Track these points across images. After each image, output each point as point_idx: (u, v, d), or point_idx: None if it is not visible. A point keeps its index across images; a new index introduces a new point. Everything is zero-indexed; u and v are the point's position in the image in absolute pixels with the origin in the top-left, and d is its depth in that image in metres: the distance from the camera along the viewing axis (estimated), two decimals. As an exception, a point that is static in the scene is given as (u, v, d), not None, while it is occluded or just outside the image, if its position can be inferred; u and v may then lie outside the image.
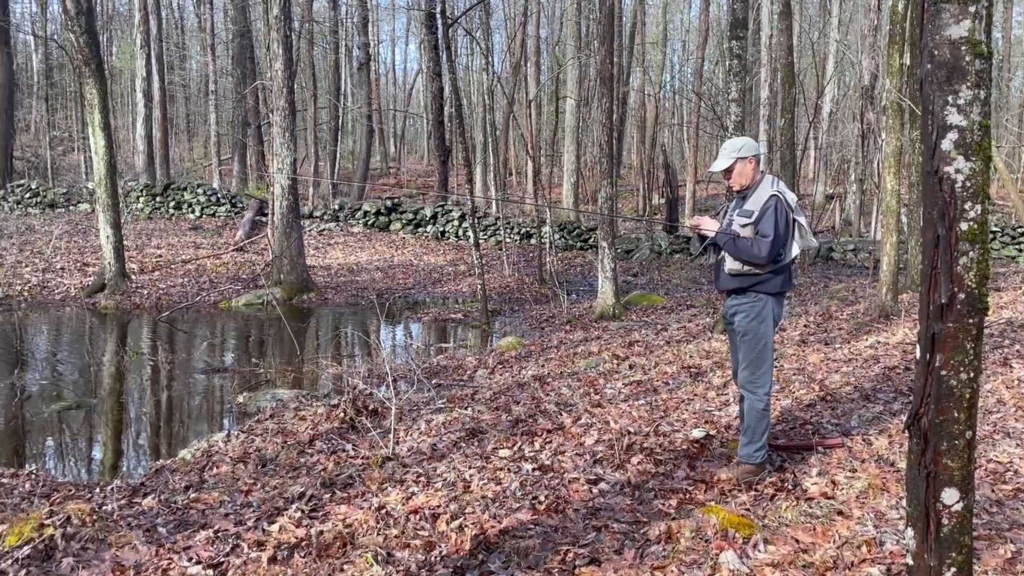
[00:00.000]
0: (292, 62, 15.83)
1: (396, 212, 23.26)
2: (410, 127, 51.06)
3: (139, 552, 4.24)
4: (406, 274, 18.02)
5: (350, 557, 4.05)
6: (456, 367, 9.41)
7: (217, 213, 23.87)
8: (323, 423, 6.77)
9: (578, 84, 25.27)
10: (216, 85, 29.32)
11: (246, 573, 3.94)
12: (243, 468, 5.81)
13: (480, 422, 6.46)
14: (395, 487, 5.04)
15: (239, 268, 17.54)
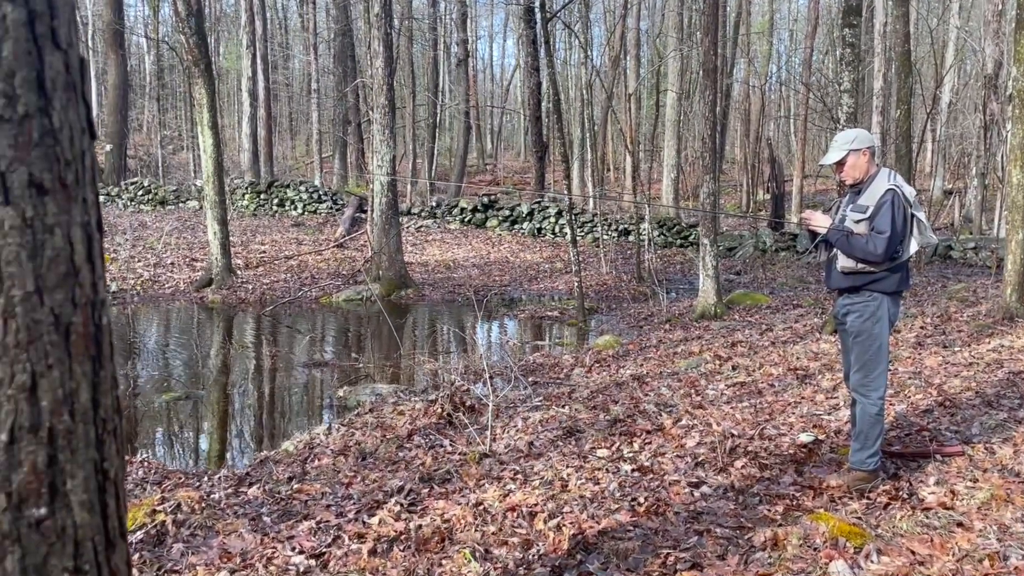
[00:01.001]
0: (392, 60, 16.12)
1: (492, 209, 23.43)
2: (507, 123, 51.35)
3: (245, 540, 4.38)
4: (502, 271, 18.12)
5: (448, 552, 4.09)
6: (552, 365, 9.41)
7: (318, 210, 24.54)
8: (421, 418, 6.86)
9: (679, 77, 24.90)
10: (318, 84, 30.16)
11: (347, 564, 4.03)
12: (344, 461, 5.95)
13: (577, 421, 6.44)
14: (492, 484, 5.07)
15: (339, 264, 17.98)
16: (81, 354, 1.35)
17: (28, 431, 1.28)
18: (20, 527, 1.29)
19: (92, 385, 1.37)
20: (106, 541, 1.39)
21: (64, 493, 1.33)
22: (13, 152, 1.26)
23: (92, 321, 1.38)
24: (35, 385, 1.30)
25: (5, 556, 1.26)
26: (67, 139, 1.34)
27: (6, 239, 1.26)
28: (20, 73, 1.28)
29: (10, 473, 1.27)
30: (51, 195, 1.30)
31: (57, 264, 1.31)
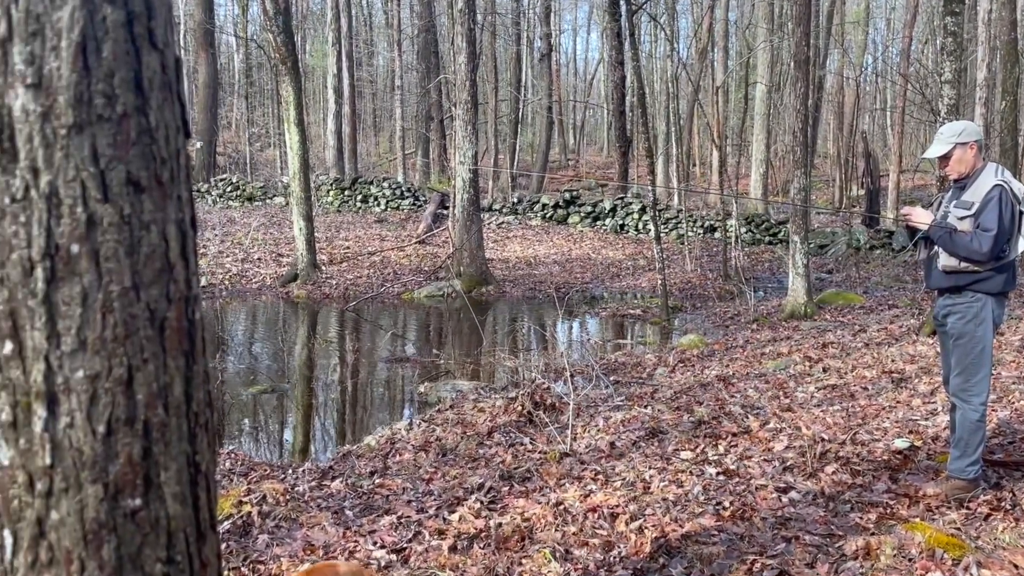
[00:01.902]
0: (475, 55, 16.23)
1: (574, 205, 23.36)
2: (590, 118, 51.10)
3: (328, 533, 4.48)
4: (584, 268, 18.06)
5: (528, 551, 4.10)
6: (635, 364, 9.33)
7: (401, 206, 24.90)
8: (501, 415, 6.89)
9: (769, 68, 24.37)
10: (402, 80, 30.58)
11: (427, 560, 4.07)
12: (424, 457, 6.01)
13: (660, 422, 6.37)
14: (573, 484, 5.06)
15: (421, 260, 18.20)
16: (175, 349, 1.40)
17: (124, 423, 1.33)
18: (116, 517, 1.34)
19: (185, 379, 1.42)
20: (197, 533, 1.44)
21: (158, 485, 1.38)
22: (112, 151, 1.31)
23: (186, 316, 1.42)
24: (131, 379, 1.35)
25: (102, 545, 1.31)
26: (163, 138, 1.39)
27: (105, 236, 1.32)
28: (119, 73, 1.33)
29: (107, 464, 1.32)
30: (147, 193, 1.35)
31: (153, 260, 1.36)
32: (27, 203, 1.28)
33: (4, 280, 1.28)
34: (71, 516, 1.29)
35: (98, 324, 1.29)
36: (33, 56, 1.27)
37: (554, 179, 30.63)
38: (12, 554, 1.30)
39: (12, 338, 1.29)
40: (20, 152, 1.28)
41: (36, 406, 1.30)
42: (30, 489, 1.30)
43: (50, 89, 1.28)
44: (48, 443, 1.29)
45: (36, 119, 1.27)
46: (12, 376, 1.29)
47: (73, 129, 1.28)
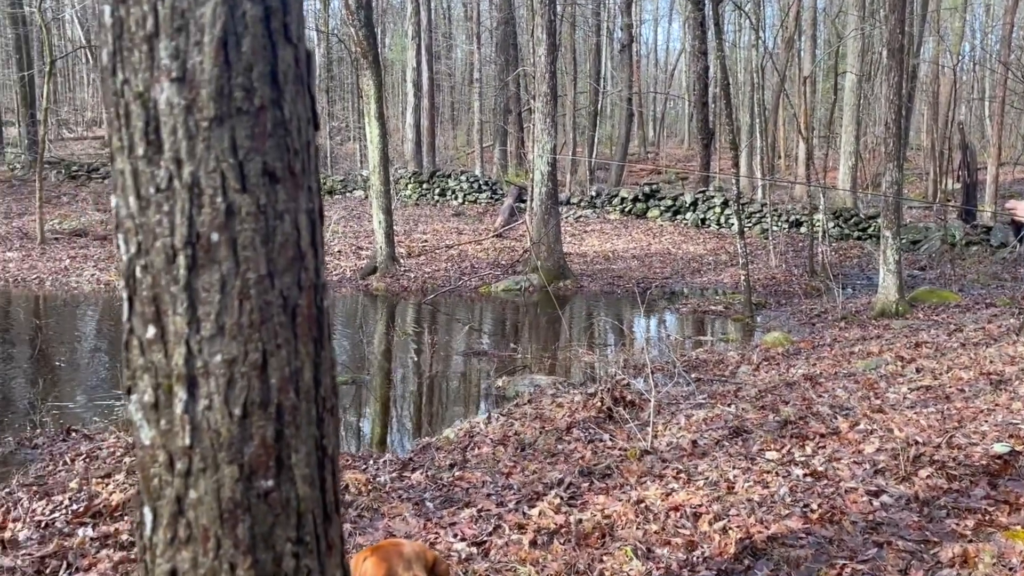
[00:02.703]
0: (555, 47, 16.22)
1: (654, 198, 23.18)
2: (670, 110, 50.51)
3: (409, 524, 4.57)
4: (663, 263, 17.92)
5: (609, 548, 4.11)
6: (716, 362, 9.25)
7: (478, 200, 25.06)
8: (580, 411, 6.91)
9: (859, 57, 23.71)
10: (480, 73, 30.73)
11: (507, 554, 4.12)
12: (503, 451, 6.07)
13: (744, 421, 6.31)
14: (654, 482, 5.05)
15: (498, 254, 18.29)
16: (305, 335, 1.46)
17: (259, 406, 1.39)
18: (250, 497, 1.41)
19: (314, 365, 1.48)
20: (324, 514, 1.50)
21: (289, 467, 1.44)
22: (250, 142, 1.37)
23: (315, 304, 1.48)
24: (265, 363, 1.41)
25: (237, 524, 1.38)
26: (296, 129, 1.45)
27: (243, 225, 1.38)
28: (257, 67, 1.39)
29: (243, 446, 1.39)
30: (282, 183, 1.41)
31: (286, 249, 1.42)
32: (170, 193, 1.35)
33: (148, 267, 1.35)
34: (208, 495, 1.36)
35: (235, 310, 1.36)
36: (178, 51, 1.33)
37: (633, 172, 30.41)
38: (152, 531, 1.38)
39: (155, 323, 1.36)
40: (164, 144, 1.35)
41: (177, 388, 1.37)
42: (170, 468, 1.37)
43: (193, 83, 1.34)
44: (188, 424, 1.36)
45: (180, 112, 1.34)
46: (154, 359, 1.36)
47: (214, 121, 1.34)
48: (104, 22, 1.36)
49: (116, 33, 1.35)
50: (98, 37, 1.40)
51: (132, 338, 1.41)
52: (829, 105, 25.28)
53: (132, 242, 1.39)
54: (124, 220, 1.39)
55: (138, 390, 1.40)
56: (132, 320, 1.41)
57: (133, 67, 1.35)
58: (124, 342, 1.49)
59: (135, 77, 1.35)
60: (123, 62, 1.36)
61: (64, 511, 5.24)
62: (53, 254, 16.99)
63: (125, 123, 1.37)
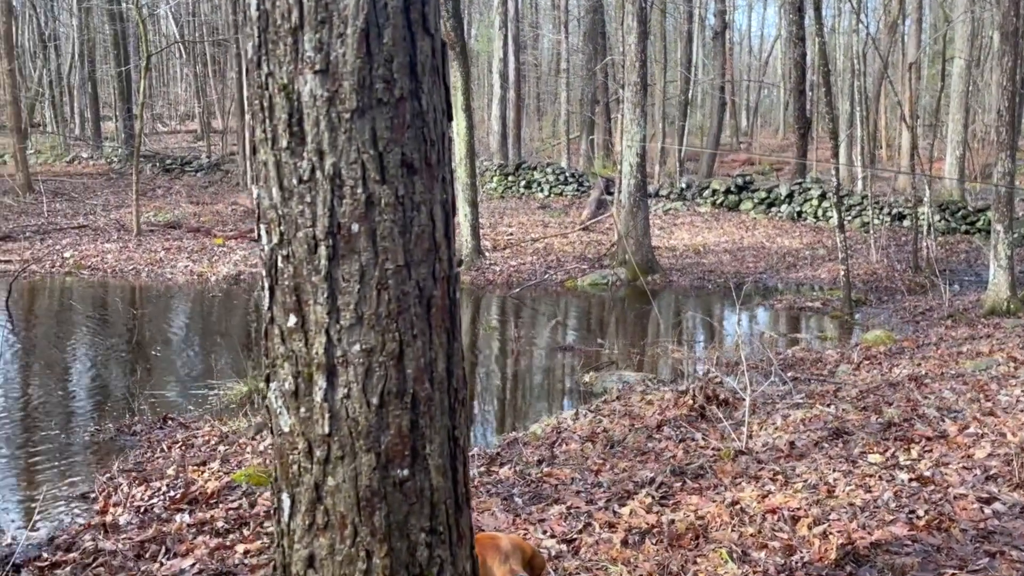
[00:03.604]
0: (645, 35, 16.07)
1: (747, 190, 22.78)
2: (764, 98, 49.51)
3: (498, 519, 4.60)
4: (756, 257, 17.61)
5: (702, 550, 4.08)
6: (814, 360, 9.07)
7: (564, 192, 25.02)
8: (671, 409, 6.86)
9: (969, 42, 22.81)
10: (567, 63, 30.65)
11: (598, 552, 4.12)
12: (591, 447, 6.08)
13: (845, 422, 6.18)
14: (749, 483, 4.98)
15: (585, 247, 18.25)
16: (439, 326, 1.49)
17: (395, 396, 1.43)
18: (386, 486, 1.45)
19: (447, 356, 1.51)
20: (456, 505, 1.53)
21: (423, 457, 1.48)
22: (390, 134, 1.41)
23: (448, 295, 1.51)
24: (402, 353, 1.45)
25: (374, 512, 1.42)
26: (432, 120, 1.48)
27: (382, 215, 1.42)
28: (397, 58, 1.43)
29: (379, 435, 1.43)
30: (419, 174, 1.44)
31: (422, 240, 1.45)
32: (313, 184, 1.40)
33: (290, 257, 1.40)
34: (346, 483, 1.40)
35: (374, 300, 1.39)
36: (321, 43, 1.38)
37: (725, 163, 29.92)
38: (290, 516, 1.43)
39: (296, 312, 1.41)
40: (307, 135, 1.39)
41: (317, 377, 1.41)
42: (309, 456, 1.42)
43: (336, 75, 1.38)
44: (327, 412, 1.40)
45: (323, 104, 1.38)
46: (295, 348, 1.41)
47: (356, 113, 1.38)
48: (250, 16, 1.41)
49: (261, 26, 1.40)
50: (242, 31, 1.45)
51: (273, 327, 1.46)
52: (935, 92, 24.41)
53: (275, 232, 1.44)
54: (267, 211, 1.44)
55: (278, 378, 1.45)
56: (273, 309, 1.46)
57: (278, 60, 1.39)
58: (264, 331, 1.54)
59: (279, 69, 1.39)
60: (268, 55, 1.40)
61: (162, 497, 5.46)
62: (148, 246, 17.66)
63: (269, 115, 1.41)
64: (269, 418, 1.52)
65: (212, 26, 36.22)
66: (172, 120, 42.36)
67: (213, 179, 27.37)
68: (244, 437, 6.60)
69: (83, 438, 7.12)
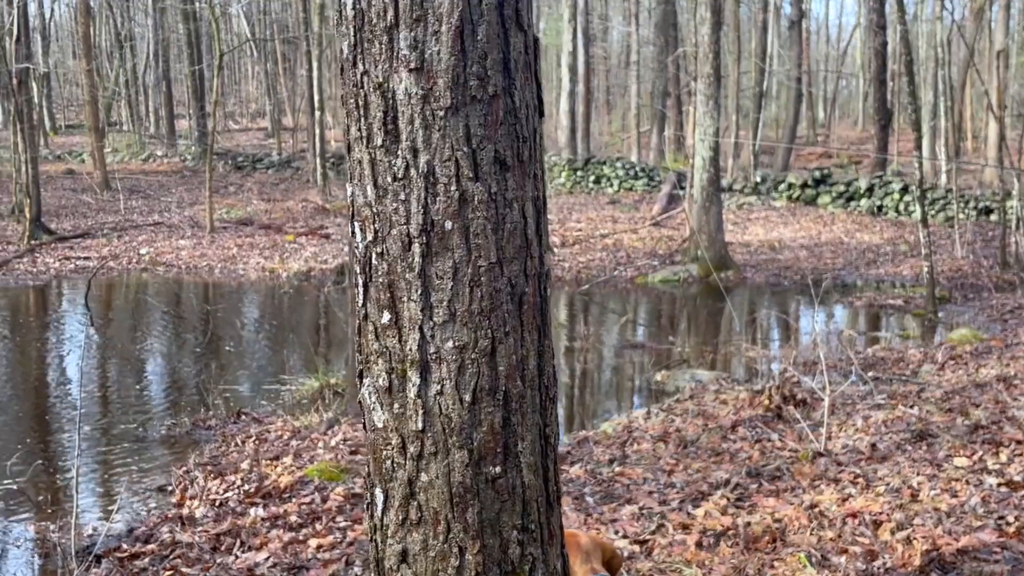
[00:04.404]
0: (719, 25, 15.87)
1: (824, 184, 22.39)
2: (842, 89, 48.46)
3: (569, 519, 4.61)
4: (835, 253, 17.28)
5: (780, 554, 4.04)
6: (896, 360, 8.87)
7: (634, 187, 24.88)
8: (746, 409, 6.79)
9: (1062, 27, 21.98)
10: (638, 55, 30.42)
11: (671, 554, 4.10)
12: (663, 447, 6.05)
13: (929, 424, 6.04)
14: (828, 486, 4.92)
15: (655, 243, 18.12)
16: (530, 323, 1.51)
17: (487, 393, 1.46)
18: (479, 483, 1.47)
19: (538, 353, 1.53)
20: (547, 503, 1.55)
21: (515, 454, 1.50)
22: (483, 131, 1.43)
23: (539, 292, 1.53)
24: (494, 350, 1.47)
25: (467, 508, 1.44)
26: (524, 117, 1.50)
27: (475, 213, 1.44)
28: (491, 55, 1.45)
29: (472, 431, 1.45)
30: (511, 171, 1.46)
31: (514, 237, 1.47)
32: (407, 181, 1.43)
33: (384, 254, 1.43)
34: (439, 479, 1.43)
35: (466, 297, 1.42)
36: (416, 41, 1.41)
37: (801, 156, 29.39)
38: (383, 511, 1.47)
39: (390, 309, 1.44)
40: (402, 133, 1.42)
41: (411, 373, 1.45)
42: (402, 451, 1.45)
43: (430, 72, 1.41)
44: (420, 409, 1.44)
45: (417, 101, 1.41)
46: (389, 344, 1.45)
47: (450, 110, 1.41)
48: (346, 15, 1.44)
49: (357, 25, 1.43)
50: (337, 30, 1.48)
51: (367, 323, 1.50)
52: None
53: (369, 230, 1.47)
54: (361, 208, 1.47)
55: (371, 374, 1.49)
56: (367, 306, 1.49)
57: (373, 58, 1.43)
58: (357, 327, 1.57)
59: (374, 68, 1.43)
60: (363, 53, 1.44)
61: (236, 491, 5.60)
62: (221, 242, 18.09)
63: (364, 113, 1.45)
64: (362, 413, 1.56)
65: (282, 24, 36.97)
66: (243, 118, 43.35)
67: (283, 176, 27.91)
68: (316, 432, 6.73)
69: (160, 432, 7.35)
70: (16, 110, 18.61)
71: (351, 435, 6.59)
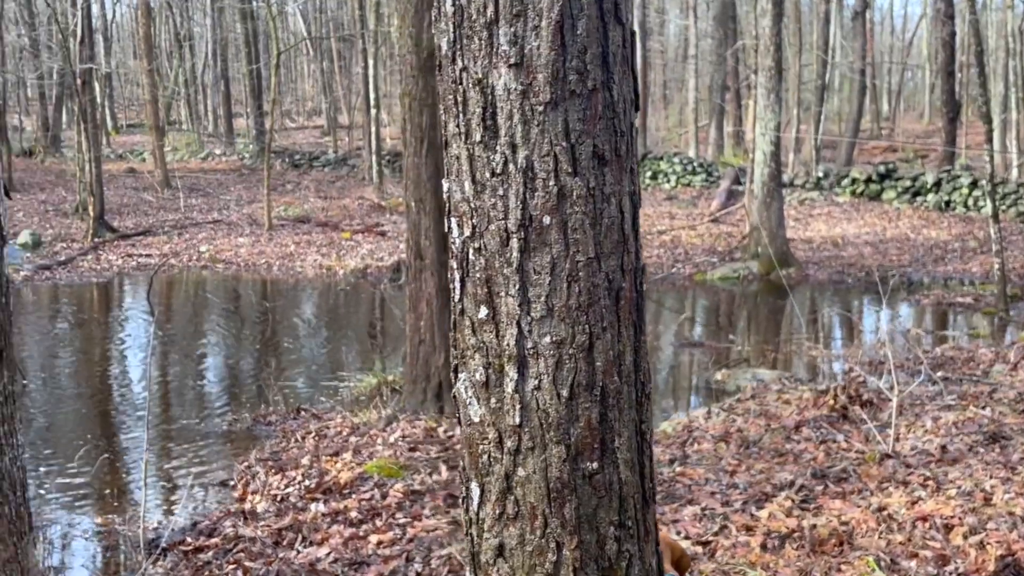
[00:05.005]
0: (780, 17, 15.68)
1: (889, 179, 21.99)
2: (907, 82, 47.48)
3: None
4: (900, 250, 16.96)
5: (847, 557, 4.00)
6: (966, 359, 8.69)
7: (692, 183, 24.68)
8: (810, 409, 6.73)
9: None
10: (696, 49, 30.16)
11: (735, 556, 4.08)
12: (725, 447, 6.02)
13: (1002, 425, 5.92)
14: (897, 488, 4.85)
15: (714, 240, 17.98)
16: (627, 319, 1.52)
17: (585, 388, 1.47)
18: (576, 478, 1.49)
19: (634, 349, 1.54)
20: (643, 500, 1.56)
21: (612, 450, 1.52)
22: (582, 125, 1.45)
23: (635, 288, 1.54)
24: (591, 346, 1.49)
25: (564, 504, 1.46)
26: (622, 111, 1.51)
27: (573, 208, 1.46)
28: (591, 49, 1.46)
29: (569, 427, 1.47)
30: (609, 166, 1.48)
31: (611, 232, 1.49)
32: (505, 177, 1.45)
33: (482, 249, 1.45)
34: (536, 474, 1.45)
35: (564, 292, 1.44)
36: (516, 36, 1.42)
37: (864, 150, 28.88)
38: (479, 506, 1.49)
39: (487, 304, 1.46)
40: (501, 129, 1.44)
41: (508, 368, 1.47)
42: (499, 446, 1.47)
43: (530, 67, 1.43)
44: (517, 403, 1.46)
45: (516, 97, 1.43)
46: (486, 339, 1.47)
47: (549, 105, 1.42)
48: (445, 11, 1.47)
49: (456, 22, 1.46)
50: (436, 27, 1.51)
51: (463, 319, 1.52)
52: (1102, 70, 22.94)
53: (466, 225, 1.49)
54: (459, 204, 1.50)
55: (468, 369, 1.51)
56: (463, 301, 1.52)
57: (472, 54, 1.45)
58: (452, 322, 1.60)
59: (474, 64, 1.45)
60: (462, 50, 1.46)
61: (297, 486, 5.70)
62: (279, 240, 18.38)
63: (462, 110, 1.47)
64: (457, 408, 1.58)
65: (338, 22, 37.39)
66: (300, 116, 43.97)
67: (340, 174, 28.24)
68: (374, 429, 6.80)
69: (220, 427, 7.50)
70: (80, 110, 19.08)
71: (409, 432, 6.66)
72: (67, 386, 9.32)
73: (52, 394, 8.85)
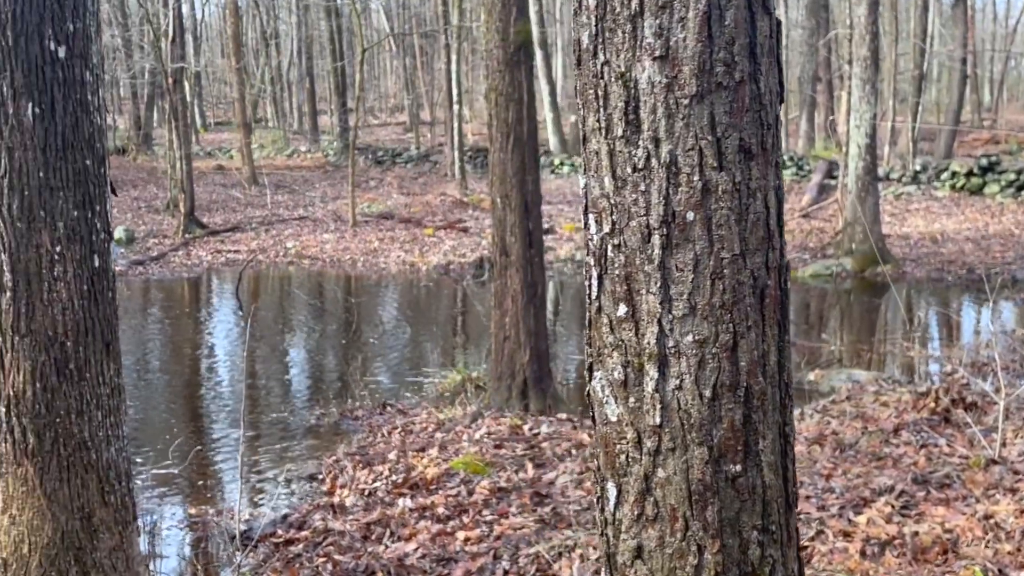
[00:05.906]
0: (876, 5, 15.26)
1: (992, 172, 21.24)
2: (1011, 70, 45.71)
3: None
4: (1004, 247, 16.35)
5: (951, 566, 3.90)
6: (1079, 361, 8.33)
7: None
8: (909, 412, 6.56)
9: None
10: (787, 39, 29.57)
11: (832, 562, 4.02)
12: (819, 450, 5.93)
13: (1117, 431, 5.65)
14: (1005, 495, 4.70)
15: (805, 236, 17.63)
16: (772, 318, 1.50)
17: (728, 389, 1.46)
18: (718, 481, 1.48)
19: (778, 349, 1.52)
20: (786, 504, 1.54)
21: (756, 453, 1.50)
22: (728, 118, 1.44)
23: (779, 286, 1.52)
24: (735, 345, 1.47)
25: (706, 507, 1.45)
26: (768, 103, 1.49)
27: (718, 203, 1.44)
28: (738, 40, 1.45)
29: (711, 428, 1.46)
30: (755, 160, 1.46)
31: (757, 228, 1.47)
32: (647, 172, 1.44)
33: (621, 246, 1.45)
34: (677, 475, 1.44)
35: (707, 290, 1.42)
36: (661, 29, 1.42)
37: (965, 142, 27.91)
38: (616, 506, 1.49)
39: (627, 301, 1.46)
40: (643, 123, 1.44)
41: (648, 367, 1.46)
42: (638, 446, 1.47)
43: (675, 60, 1.42)
44: (658, 403, 1.45)
45: (660, 90, 1.43)
46: (625, 337, 1.46)
47: (694, 99, 1.41)
48: (587, 4, 1.47)
49: (599, 15, 1.45)
50: (576, 21, 1.51)
51: (600, 316, 1.52)
52: None
53: (605, 221, 1.49)
54: (598, 200, 1.49)
55: (605, 367, 1.51)
56: (601, 299, 1.51)
57: (615, 48, 1.44)
58: (589, 320, 1.60)
59: (616, 57, 1.45)
60: (604, 43, 1.46)
61: (384, 481, 5.78)
62: (363, 236, 18.66)
63: (603, 104, 1.47)
64: (592, 407, 1.58)
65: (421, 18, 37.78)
66: (382, 112, 44.59)
67: (422, 170, 28.53)
68: (460, 425, 6.86)
69: (309, 421, 7.66)
70: (171, 108, 19.67)
71: (495, 429, 6.70)
72: (160, 380, 9.63)
73: (146, 387, 9.16)
